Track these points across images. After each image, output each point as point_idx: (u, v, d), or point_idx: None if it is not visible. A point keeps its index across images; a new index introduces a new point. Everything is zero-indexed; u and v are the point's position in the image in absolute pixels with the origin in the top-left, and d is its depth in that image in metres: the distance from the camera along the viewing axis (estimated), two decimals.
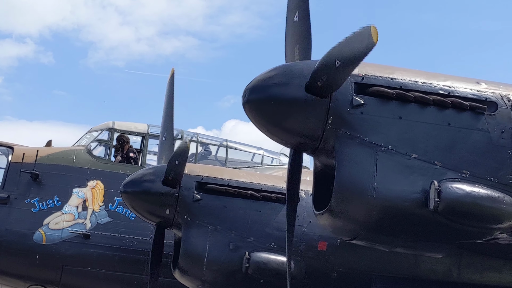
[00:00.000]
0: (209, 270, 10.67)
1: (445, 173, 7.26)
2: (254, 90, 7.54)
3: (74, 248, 14.42)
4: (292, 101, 7.38)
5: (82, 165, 15.04)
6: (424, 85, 7.55)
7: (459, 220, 7.22)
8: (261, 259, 10.56)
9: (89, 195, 14.77)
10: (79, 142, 15.72)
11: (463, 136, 7.37)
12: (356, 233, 7.53)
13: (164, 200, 11.02)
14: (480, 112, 7.47)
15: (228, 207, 10.95)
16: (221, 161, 16.55)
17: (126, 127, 16.04)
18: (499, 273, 10.37)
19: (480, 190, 7.24)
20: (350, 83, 7.43)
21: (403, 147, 7.31)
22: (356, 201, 7.22)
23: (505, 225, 7.36)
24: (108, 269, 14.47)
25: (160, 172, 11.22)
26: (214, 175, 11.26)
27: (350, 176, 7.21)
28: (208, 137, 17.51)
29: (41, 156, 14.86)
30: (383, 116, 7.38)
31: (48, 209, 14.55)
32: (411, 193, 7.19)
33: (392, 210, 7.19)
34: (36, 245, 14.28)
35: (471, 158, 7.34)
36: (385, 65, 7.80)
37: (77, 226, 14.55)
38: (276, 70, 7.60)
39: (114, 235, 14.59)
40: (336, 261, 10.61)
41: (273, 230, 10.82)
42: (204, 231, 10.80)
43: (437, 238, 7.55)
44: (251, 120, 7.66)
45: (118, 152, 15.62)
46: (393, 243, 7.74)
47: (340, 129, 7.35)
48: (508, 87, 7.77)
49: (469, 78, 7.82)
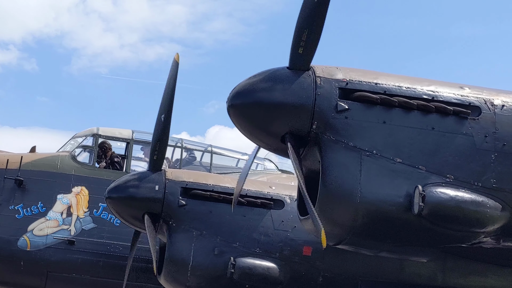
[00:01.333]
0: (194, 276, 10.67)
1: (429, 177, 7.29)
2: (239, 94, 7.56)
3: (59, 254, 14.36)
4: (277, 105, 7.40)
5: (66, 171, 14.99)
6: (408, 90, 7.58)
7: (443, 224, 7.25)
8: (247, 264, 10.56)
9: (73, 201, 14.73)
10: (63, 148, 15.68)
11: (447, 141, 7.40)
12: (341, 238, 7.55)
13: (149, 205, 11.01)
14: (464, 117, 7.51)
15: (213, 212, 10.96)
16: (206, 167, 16.54)
17: (110, 133, 16.00)
18: (484, 277, 10.42)
19: (464, 194, 7.27)
20: (334, 88, 7.45)
21: (388, 151, 7.33)
22: (341, 205, 7.23)
23: (489, 229, 7.39)
24: (93, 275, 14.43)
25: (144, 178, 11.21)
26: (199, 181, 11.26)
27: (334, 181, 7.23)
28: (192, 143, 17.50)
29: (25, 162, 14.81)
30: (368, 121, 7.40)
31: (33, 215, 14.50)
32: (396, 198, 7.21)
33: (377, 215, 7.21)
34: (20, 251, 14.23)
35: (455, 162, 7.37)
36: (369, 70, 7.82)
37: (61, 232, 14.51)
38: (260, 75, 7.61)
39: (99, 241, 14.56)
40: (322, 266, 10.64)
41: (258, 235, 10.83)
42: (189, 236, 10.79)
43: (421, 242, 7.57)
44: (235, 124, 7.67)
45: (102, 159, 15.58)
46: (378, 248, 7.77)
47: (325, 133, 7.37)
48: (491, 91, 7.81)
49: (452, 83, 7.86)
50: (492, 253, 8.71)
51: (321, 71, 7.53)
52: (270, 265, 10.66)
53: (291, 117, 7.39)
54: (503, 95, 7.76)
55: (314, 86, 7.43)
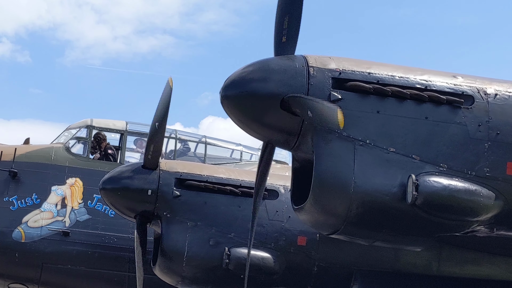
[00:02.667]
0: (189, 266, 10.68)
1: (423, 167, 7.29)
2: (232, 85, 7.54)
3: (54, 245, 14.36)
4: (270, 96, 7.38)
5: (60, 162, 14.98)
6: (401, 79, 7.57)
7: (437, 213, 7.25)
8: (242, 254, 10.58)
9: (68, 193, 14.72)
10: (57, 140, 15.65)
11: (441, 130, 7.40)
12: (335, 228, 7.54)
13: (143, 197, 11.01)
14: (457, 106, 7.51)
15: (208, 203, 10.97)
16: (200, 158, 16.54)
17: (104, 124, 15.99)
18: (478, 266, 10.45)
19: (457, 183, 7.27)
20: (327, 78, 7.44)
21: (381, 141, 7.33)
22: (335, 195, 7.23)
23: (482, 217, 7.40)
24: (88, 266, 14.43)
25: (138, 169, 11.21)
26: (193, 172, 11.26)
27: (328, 171, 7.22)
28: (186, 134, 17.49)
29: (19, 154, 14.79)
30: (361, 111, 7.39)
31: (27, 207, 14.48)
32: (390, 187, 7.21)
33: (371, 204, 7.21)
34: (15, 243, 14.21)
35: (448, 152, 7.37)
36: (362, 60, 7.81)
37: (56, 223, 14.50)
38: (254, 65, 7.60)
39: (94, 232, 14.56)
40: (317, 256, 10.66)
41: None
42: (184, 227, 10.80)
43: (415, 231, 7.57)
44: (228, 115, 7.65)
45: (96, 150, 15.56)
46: (372, 237, 7.76)
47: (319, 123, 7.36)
48: (484, 80, 7.81)
49: (445, 72, 7.85)
50: (486, 242, 8.72)
51: (314, 61, 7.51)
52: (265, 255, 10.68)
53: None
54: (496, 84, 7.76)
55: (307, 76, 7.42)
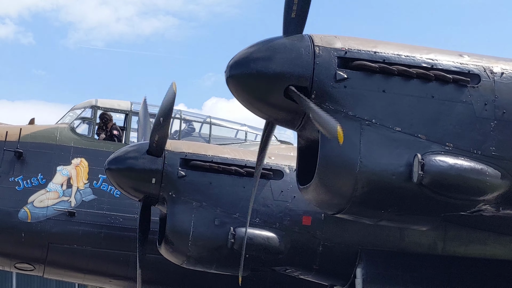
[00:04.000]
0: (195, 246, 10.71)
1: (429, 146, 7.29)
2: (237, 65, 7.53)
3: (60, 225, 14.37)
4: (276, 75, 7.37)
5: (65, 143, 14.96)
6: (407, 58, 7.55)
7: (443, 193, 7.26)
8: (247, 234, 10.59)
9: (73, 173, 14.72)
10: (62, 120, 15.62)
11: (447, 109, 7.39)
12: (340, 207, 7.55)
13: (148, 177, 11.02)
14: (463, 85, 7.50)
15: (213, 183, 10.97)
16: (204, 138, 16.51)
17: (109, 104, 15.96)
18: (484, 245, 10.46)
19: (463, 162, 7.28)
20: (333, 57, 7.42)
21: (387, 120, 7.32)
22: (341, 175, 7.23)
23: (488, 196, 7.41)
24: (94, 246, 14.45)
25: (144, 149, 11.21)
26: (198, 152, 11.26)
27: (334, 150, 7.22)
28: (191, 114, 17.45)
29: (25, 134, 14.77)
30: (367, 90, 7.39)
31: (33, 187, 14.49)
32: (396, 166, 7.21)
33: (377, 184, 7.21)
34: (21, 223, 14.23)
35: (454, 131, 7.37)
36: (368, 39, 7.79)
37: (62, 203, 14.50)
38: (259, 45, 7.58)
39: (99, 213, 14.56)
40: (322, 236, 10.67)
41: (258, 206, 10.85)
42: (189, 207, 10.82)
43: (421, 210, 7.58)
44: (234, 95, 7.64)
45: (101, 130, 15.55)
46: (378, 217, 7.77)
47: (324, 103, 7.35)
48: (490, 59, 7.79)
49: (452, 51, 7.83)
50: (492, 221, 8.73)
51: (320, 40, 7.49)
52: (270, 235, 10.70)
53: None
54: (502, 63, 7.74)
55: (312, 55, 7.40)
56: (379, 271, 10.52)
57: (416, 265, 10.55)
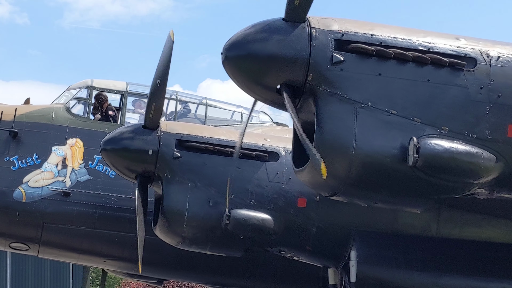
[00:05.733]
0: (190, 226, 10.74)
1: (424, 129, 7.31)
2: (233, 46, 7.52)
3: (54, 205, 14.38)
4: (272, 57, 7.37)
5: (61, 123, 14.95)
6: (403, 41, 7.55)
7: (438, 176, 7.29)
8: (241, 215, 10.64)
9: (68, 153, 14.72)
10: (57, 100, 15.60)
11: (442, 92, 7.41)
12: (335, 189, 7.58)
13: (143, 157, 11.04)
14: (459, 68, 7.50)
15: (208, 164, 10.99)
16: (200, 119, 16.51)
17: (104, 85, 15.93)
18: (478, 228, 10.51)
19: (458, 146, 7.30)
20: (330, 39, 7.42)
21: (383, 103, 7.34)
22: (336, 157, 7.26)
23: (483, 180, 7.44)
24: (89, 227, 14.47)
25: (139, 130, 11.22)
26: (194, 133, 11.27)
27: (330, 133, 7.24)
28: (187, 95, 17.42)
29: (20, 114, 14.75)
30: (363, 73, 7.40)
31: (28, 167, 14.48)
32: (390, 149, 7.24)
33: (372, 166, 7.24)
34: (16, 203, 14.23)
35: (450, 114, 7.38)
36: (365, 21, 7.78)
37: (57, 184, 14.51)
38: (255, 26, 7.57)
39: (94, 193, 14.57)
40: (316, 217, 10.71)
41: (253, 187, 10.89)
42: (184, 188, 10.84)
43: (416, 193, 7.62)
44: (230, 77, 7.64)
45: (97, 110, 15.53)
46: (372, 199, 7.81)
47: (320, 86, 7.36)
48: (487, 42, 7.79)
49: (448, 34, 7.83)
50: (487, 204, 8.77)
51: (317, 22, 7.48)
52: (264, 217, 10.74)
53: (286, 69, 7.37)
54: (499, 46, 7.74)
55: (309, 37, 7.40)
56: (372, 253, 10.57)
57: (409, 247, 10.60)
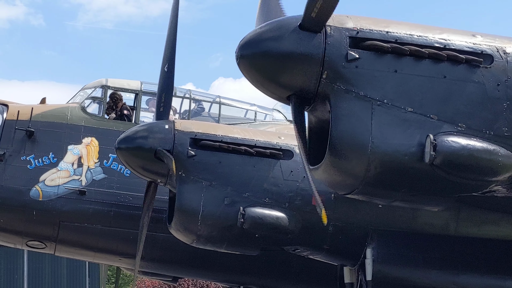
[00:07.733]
0: (204, 225, 10.74)
1: (441, 126, 7.25)
2: (248, 45, 7.49)
3: (71, 204, 14.45)
4: (287, 55, 7.33)
5: (76, 122, 15.01)
6: (419, 38, 7.50)
7: (455, 173, 7.23)
8: (257, 214, 10.63)
9: (84, 152, 14.77)
10: (73, 100, 15.67)
11: (459, 89, 7.35)
12: (352, 188, 7.53)
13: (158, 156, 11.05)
14: (476, 65, 7.44)
15: (223, 162, 10.99)
16: (214, 118, 16.52)
17: (119, 84, 15.98)
18: (497, 226, 10.45)
19: (475, 143, 7.24)
20: (344, 37, 7.38)
21: (399, 100, 7.29)
22: (352, 155, 7.21)
23: (501, 177, 7.38)
24: (104, 225, 14.52)
25: (154, 128, 11.23)
26: (208, 131, 11.27)
27: (346, 131, 7.20)
28: (200, 94, 17.46)
29: (36, 114, 14.83)
30: (379, 70, 7.35)
31: (44, 166, 14.55)
32: (407, 147, 7.19)
33: (389, 164, 7.19)
34: (33, 202, 14.30)
35: (466, 111, 7.33)
36: (380, 19, 7.73)
37: (73, 182, 14.56)
38: (270, 24, 7.55)
39: (109, 191, 14.61)
40: (333, 216, 10.65)
41: (268, 185, 10.88)
42: (199, 187, 10.84)
43: (434, 191, 7.56)
44: (244, 75, 7.61)
45: (111, 110, 15.57)
46: (390, 197, 7.76)
47: (335, 83, 7.32)
48: (504, 39, 7.72)
49: (465, 31, 7.77)
50: (505, 202, 8.70)
51: (331, 20, 7.44)
52: (280, 215, 10.71)
53: (301, 67, 7.33)
54: None
55: (324, 35, 7.36)
56: (390, 252, 10.53)
57: (428, 245, 10.54)
